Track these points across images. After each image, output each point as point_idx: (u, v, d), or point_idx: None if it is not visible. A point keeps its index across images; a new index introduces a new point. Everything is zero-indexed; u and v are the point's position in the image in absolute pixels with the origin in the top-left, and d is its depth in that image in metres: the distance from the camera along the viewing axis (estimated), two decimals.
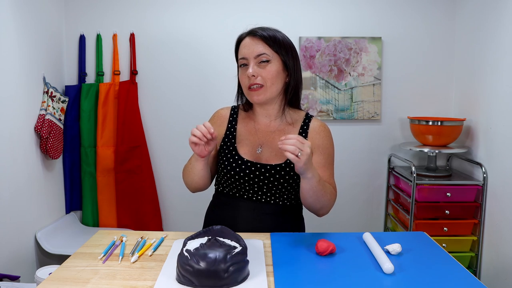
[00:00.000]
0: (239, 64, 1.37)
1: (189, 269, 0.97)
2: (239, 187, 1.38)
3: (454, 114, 2.66)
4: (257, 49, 1.31)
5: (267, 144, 1.38)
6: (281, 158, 1.35)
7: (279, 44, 1.33)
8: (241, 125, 1.43)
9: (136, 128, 2.59)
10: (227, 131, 1.42)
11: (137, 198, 2.61)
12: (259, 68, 1.32)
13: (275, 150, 1.36)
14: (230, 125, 1.43)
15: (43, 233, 2.24)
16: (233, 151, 1.38)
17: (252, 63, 1.32)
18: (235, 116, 1.46)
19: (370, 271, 1.07)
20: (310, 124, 1.41)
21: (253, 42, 1.33)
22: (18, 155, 2.06)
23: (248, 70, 1.32)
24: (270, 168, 1.34)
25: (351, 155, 2.71)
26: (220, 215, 1.42)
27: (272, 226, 1.37)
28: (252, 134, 1.41)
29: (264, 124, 1.41)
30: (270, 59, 1.32)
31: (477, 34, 2.39)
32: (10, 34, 1.99)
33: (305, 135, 1.39)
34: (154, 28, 2.60)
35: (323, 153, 1.38)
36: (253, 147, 1.38)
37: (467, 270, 1.09)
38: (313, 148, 1.37)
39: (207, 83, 2.64)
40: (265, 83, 1.32)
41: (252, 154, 1.37)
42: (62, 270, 1.08)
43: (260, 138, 1.39)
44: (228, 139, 1.40)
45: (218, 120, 1.47)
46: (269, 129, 1.40)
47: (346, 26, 2.62)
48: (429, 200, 2.31)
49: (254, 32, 1.34)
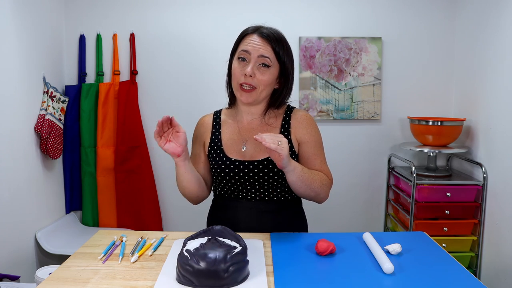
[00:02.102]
0: (238, 55, 1.33)
1: (189, 269, 0.97)
2: (233, 188, 1.39)
3: (454, 114, 2.66)
4: (262, 51, 1.30)
5: (251, 141, 1.39)
6: (265, 152, 1.35)
7: (283, 47, 1.33)
8: (224, 127, 1.44)
9: (136, 128, 2.59)
10: (212, 135, 1.43)
11: (137, 198, 2.61)
12: (258, 70, 1.31)
13: (259, 145, 1.36)
14: (214, 130, 1.44)
15: (43, 233, 2.24)
16: (221, 153, 1.39)
17: (253, 61, 1.30)
18: (218, 120, 1.46)
19: (370, 271, 1.07)
20: (292, 115, 1.42)
21: (261, 42, 1.30)
22: (18, 155, 2.06)
23: (246, 68, 1.30)
24: (257, 163, 1.34)
25: (351, 155, 2.71)
26: (221, 217, 1.43)
27: (273, 223, 1.38)
28: (236, 133, 1.41)
29: (247, 122, 1.42)
30: (270, 65, 1.31)
31: (477, 34, 2.39)
32: (10, 34, 1.99)
33: (288, 126, 1.40)
34: (154, 28, 2.60)
35: (310, 142, 1.39)
36: (238, 146, 1.39)
37: (467, 270, 1.09)
38: (299, 138, 1.39)
39: (207, 83, 2.64)
40: (258, 87, 1.32)
41: (238, 152, 1.38)
42: (62, 270, 1.08)
43: (243, 136, 1.40)
44: (215, 143, 1.41)
45: (201, 128, 1.47)
46: (252, 126, 1.41)
47: (346, 26, 2.62)
48: (429, 200, 2.31)
49: (263, 31, 1.32)
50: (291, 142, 1.38)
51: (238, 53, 1.33)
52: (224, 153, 1.38)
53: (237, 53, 1.35)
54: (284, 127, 1.40)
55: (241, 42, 1.35)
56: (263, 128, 1.40)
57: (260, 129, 1.40)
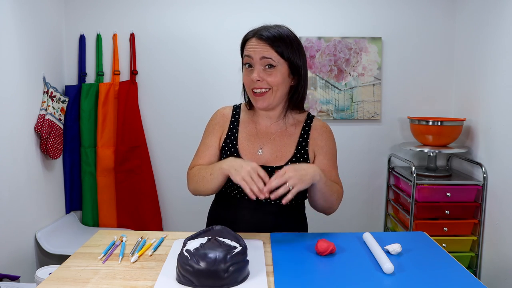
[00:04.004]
0: (244, 62, 1.34)
1: (189, 269, 0.97)
2: (240, 188, 1.37)
3: (454, 114, 2.66)
4: (263, 53, 1.27)
5: (268, 146, 1.37)
6: (281, 159, 1.35)
7: (286, 45, 1.29)
8: (242, 126, 1.42)
9: (136, 128, 2.59)
10: (229, 131, 1.41)
11: (137, 198, 2.61)
12: (264, 73, 1.29)
13: (276, 152, 1.36)
14: (232, 126, 1.42)
15: (43, 233, 2.24)
16: (235, 152, 1.37)
17: (257, 66, 1.28)
18: (237, 116, 1.44)
19: (370, 271, 1.07)
20: (312, 125, 1.41)
21: (259, 45, 1.28)
22: (18, 155, 2.06)
23: (253, 74, 1.28)
24: (271, 170, 1.33)
25: (351, 155, 2.71)
26: (223, 215, 1.42)
27: (275, 224, 1.38)
28: (253, 135, 1.40)
29: (266, 126, 1.41)
30: (276, 65, 1.28)
31: (477, 34, 2.39)
32: (10, 34, 1.99)
33: (307, 136, 1.39)
34: (154, 28, 2.60)
35: (327, 154, 1.38)
36: (254, 149, 1.38)
37: (467, 270, 1.09)
38: (317, 149, 1.38)
39: (207, 83, 2.64)
40: (271, 89, 1.30)
41: (253, 155, 1.36)
42: (62, 270, 1.08)
43: (261, 140, 1.39)
44: (230, 141, 1.39)
45: (220, 120, 1.44)
46: (271, 131, 1.40)
47: (346, 26, 2.62)
48: (429, 200, 2.31)
49: (261, 34, 1.29)
50: (307, 153, 1.37)
51: (244, 59, 1.33)
52: (238, 154, 1.36)
53: (243, 61, 1.34)
54: (303, 137, 1.38)
55: (244, 49, 1.34)
56: (282, 135, 1.39)
57: (278, 135, 1.39)
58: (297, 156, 1.36)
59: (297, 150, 1.36)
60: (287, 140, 1.38)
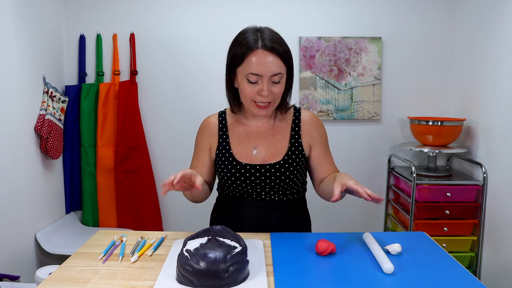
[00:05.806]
0: (247, 78, 1.25)
1: (189, 269, 0.97)
2: (242, 190, 1.38)
3: (454, 114, 2.66)
4: (274, 69, 1.25)
5: (262, 145, 1.38)
6: (277, 156, 1.36)
7: (289, 58, 1.30)
8: (232, 131, 1.42)
9: (136, 128, 2.59)
10: (220, 138, 1.41)
11: (137, 198, 2.61)
12: (271, 86, 1.27)
13: (271, 149, 1.37)
14: (221, 132, 1.42)
15: (43, 233, 2.24)
16: (230, 157, 1.38)
17: (266, 81, 1.25)
18: (224, 122, 1.44)
19: (370, 271, 1.07)
20: (300, 117, 1.42)
21: (270, 60, 1.24)
22: (18, 155, 2.06)
23: (262, 91, 1.25)
24: (269, 167, 1.34)
25: (351, 155, 2.71)
26: (226, 216, 1.43)
27: (280, 221, 1.39)
28: (244, 137, 1.40)
29: (256, 127, 1.41)
30: (282, 77, 1.28)
31: (477, 34, 2.39)
32: (10, 34, 1.99)
33: (298, 129, 1.40)
34: (154, 28, 2.59)
35: (322, 142, 1.42)
36: (248, 150, 1.38)
37: (467, 270, 1.09)
38: (311, 140, 1.41)
39: (207, 83, 2.63)
40: (274, 100, 1.30)
41: (248, 157, 1.37)
42: (62, 270, 1.08)
43: (253, 140, 1.40)
44: (223, 147, 1.40)
45: (207, 130, 1.44)
46: (261, 130, 1.41)
47: (346, 26, 2.62)
48: (429, 200, 2.31)
49: (269, 47, 1.24)
50: (302, 145, 1.38)
51: (248, 76, 1.25)
52: (233, 157, 1.37)
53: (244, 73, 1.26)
54: (295, 130, 1.39)
55: (245, 60, 1.25)
56: (273, 132, 1.40)
57: (269, 133, 1.40)
58: (292, 149, 1.37)
59: (291, 143, 1.38)
60: (279, 136, 1.39)
